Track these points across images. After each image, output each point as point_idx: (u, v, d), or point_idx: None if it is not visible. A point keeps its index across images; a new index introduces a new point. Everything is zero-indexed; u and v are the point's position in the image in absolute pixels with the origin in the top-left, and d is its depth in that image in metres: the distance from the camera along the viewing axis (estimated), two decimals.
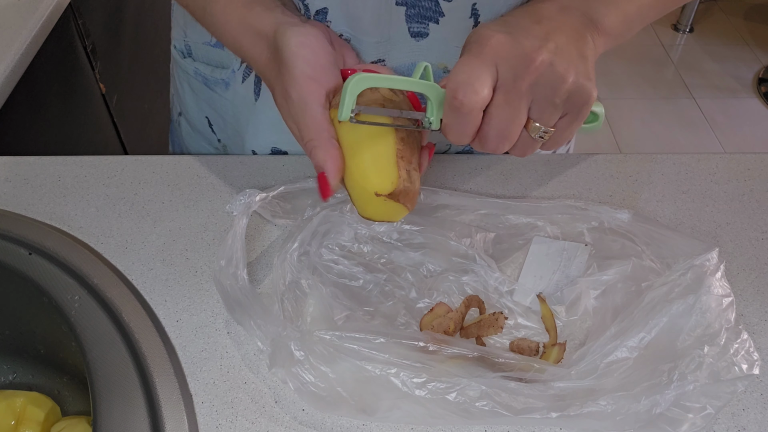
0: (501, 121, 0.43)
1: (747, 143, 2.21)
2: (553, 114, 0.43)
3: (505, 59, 0.41)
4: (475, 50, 0.42)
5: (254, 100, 0.62)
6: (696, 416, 0.43)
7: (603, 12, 0.45)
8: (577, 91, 0.42)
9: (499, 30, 0.43)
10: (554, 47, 0.41)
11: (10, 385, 0.60)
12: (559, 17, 0.44)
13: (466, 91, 0.41)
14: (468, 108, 0.42)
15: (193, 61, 0.67)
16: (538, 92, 0.42)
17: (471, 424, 0.45)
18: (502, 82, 0.42)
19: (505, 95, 0.42)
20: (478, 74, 0.41)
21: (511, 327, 0.53)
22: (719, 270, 0.48)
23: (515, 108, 0.42)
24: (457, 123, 0.43)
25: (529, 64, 0.41)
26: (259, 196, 0.54)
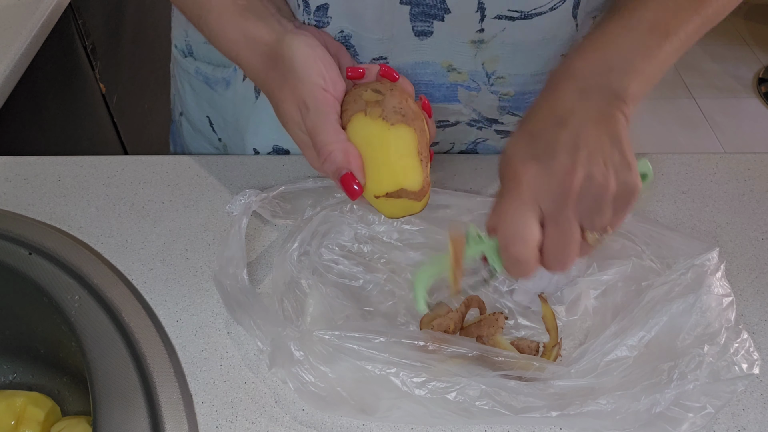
0: (558, 249, 0.43)
1: (747, 143, 2.21)
2: (604, 218, 0.42)
3: (545, 194, 0.41)
4: (514, 191, 0.42)
5: (255, 98, 0.62)
6: (696, 415, 0.43)
7: (624, 82, 0.43)
8: (622, 189, 0.41)
9: (529, 156, 0.42)
10: (586, 156, 0.40)
11: (10, 385, 0.60)
12: (581, 107, 0.42)
13: (517, 246, 0.42)
14: (524, 258, 0.42)
15: (194, 61, 0.67)
16: (584, 207, 0.41)
17: (471, 423, 0.45)
18: (548, 215, 0.42)
19: (554, 226, 0.42)
20: (524, 222, 0.41)
21: (511, 327, 0.53)
22: (719, 270, 0.48)
23: (567, 233, 0.42)
24: (518, 269, 0.43)
25: (568, 192, 0.40)
26: (259, 196, 0.54)
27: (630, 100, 0.43)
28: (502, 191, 0.43)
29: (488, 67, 0.56)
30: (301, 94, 0.45)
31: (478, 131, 0.64)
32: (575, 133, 0.41)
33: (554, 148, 0.41)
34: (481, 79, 0.57)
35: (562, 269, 0.44)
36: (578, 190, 0.40)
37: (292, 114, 0.47)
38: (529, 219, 0.42)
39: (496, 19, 0.52)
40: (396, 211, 0.47)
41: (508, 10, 0.51)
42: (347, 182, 0.45)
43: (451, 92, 0.58)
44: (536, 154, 0.42)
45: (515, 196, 0.42)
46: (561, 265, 0.43)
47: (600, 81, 0.43)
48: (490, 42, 0.54)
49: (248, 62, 0.49)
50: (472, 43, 0.54)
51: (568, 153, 0.41)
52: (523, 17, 0.52)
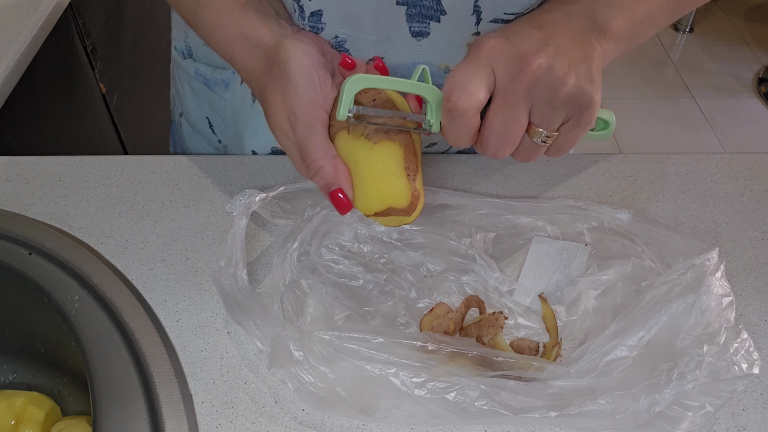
0: (500, 123, 0.42)
1: (747, 143, 2.21)
2: (555, 117, 0.42)
3: (501, 61, 0.41)
4: (472, 55, 0.42)
5: (252, 100, 0.62)
6: (695, 414, 0.43)
7: (609, 15, 0.44)
8: (578, 94, 0.41)
9: (497, 35, 0.42)
10: (553, 51, 0.41)
11: (10, 385, 0.60)
12: (562, 23, 0.43)
13: (459, 92, 0.41)
14: (462, 109, 0.41)
15: (193, 62, 0.67)
16: (537, 95, 0.41)
17: (471, 423, 0.45)
18: (500, 84, 0.41)
19: (503, 97, 0.42)
20: (472, 75, 0.41)
21: (511, 327, 0.53)
22: (719, 270, 0.48)
23: (514, 110, 0.42)
24: (453, 125, 0.43)
25: (525, 66, 0.40)
26: (259, 197, 0.54)
27: (610, 35, 0.43)
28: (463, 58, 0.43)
29: None
30: (292, 104, 0.45)
31: None
32: (549, 34, 0.42)
33: (526, 35, 0.41)
34: None
35: (496, 153, 0.43)
36: (536, 72, 0.40)
37: (280, 122, 0.46)
38: (477, 75, 0.41)
39: (492, 22, 0.52)
40: (388, 223, 0.47)
41: (504, 13, 0.51)
42: (337, 198, 0.45)
43: None
44: (506, 36, 0.42)
45: (473, 57, 0.42)
46: (495, 145, 0.43)
47: (585, 10, 0.44)
48: None
49: (243, 62, 0.49)
50: (469, 45, 0.54)
51: (537, 42, 0.41)
52: None
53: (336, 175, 0.45)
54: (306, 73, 0.45)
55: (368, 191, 0.45)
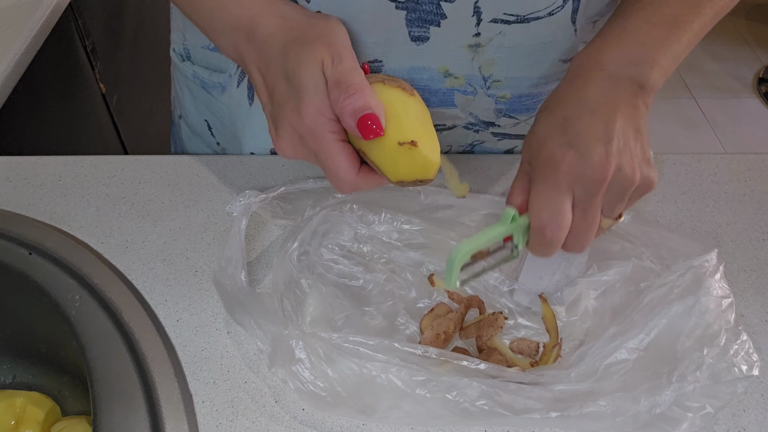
0: (582, 233, 0.45)
1: (747, 143, 2.21)
2: (623, 206, 0.45)
3: (580, 180, 0.43)
4: (551, 178, 0.43)
5: (249, 104, 0.62)
6: (695, 416, 0.43)
7: (648, 74, 0.45)
8: (643, 183, 0.44)
9: (564, 143, 0.43)
10: (617, 145, 0.43)
11: (10, 385, 0.60)
12: (610, 95, 0.44)
13: (553, 229, 0.43)
14: (557, 242, 0.44)
15: (191, 65, 0.67)
16: (610, 197, 0.44)
17: (471, 424, 0.45)
18: (579, 201, 0.43)
19: (583, 212, 0.44)
20: (560, 207, 0.43)
21: (511, 327, 0.53)
22: (718, 271, 0.48)
23: (592, 219, 0.44)
24: (545, 250, 0.45)
25: (602, 181, 0.42)
26: (259, 197, 0.54)
27: (651, 90, 0.46)
28: (537, 174, 0.45)
29: (485, 70, 0.56)
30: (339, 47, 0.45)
31: (474, 134, 0.64)
32: (606, 122, 0.43)
33: (589, 137, 0.43)
34: (477, 83, 0.57)
35: (580, 251, 0.46)
36: (609, 181, 0.43)
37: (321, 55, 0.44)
38: (566, 205, 0.43)
39: (492, 22, 0.52)
40: (410, 169, 0.45)
41: (505, 14, 0.51)
42: (367, 122, 0.43)
43: (447, 97, 0.58)
44: (571, 142, 0.43)
45: (553, 182, 0.43)
46: (579, 247, 0.46)
47: (627, 72, 0.45)
48: (487, 46, 0.54)
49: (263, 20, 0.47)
50: (469, 47, 0.54)
51: (603, 144, 0.43)
52: (520, 21, 0.52)
53: (375, 101, 0.43)
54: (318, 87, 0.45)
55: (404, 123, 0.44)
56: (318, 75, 0.44)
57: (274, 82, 0.47)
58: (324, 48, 0.45)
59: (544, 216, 0.43)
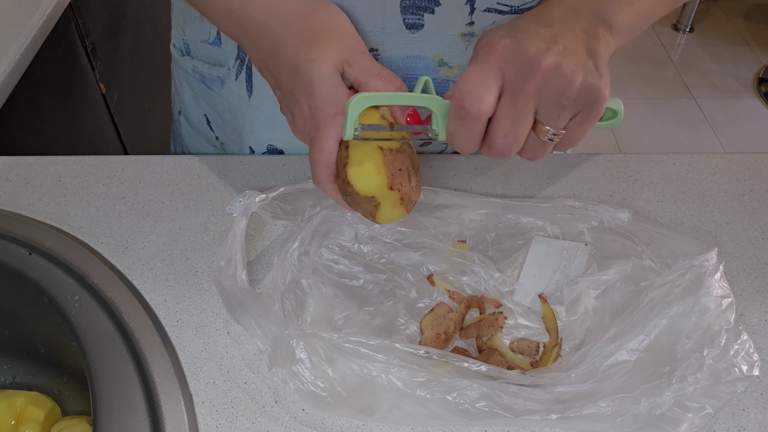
0: (507, 125, 0.42)
1: (747, 143, 2.21)
2: (562, 116, 0.42)
3: (511, 63, 0.41)
4: (482, 57, 0.42)
5: (248, 97, 0.62)
6: (695, 416, 0.43)
7: (615, 11, 0.44)
8: (587, 91, 0.41)
9: (506, 35, 0.42)
10: (562, 49, 0.41)
11: (10, 385, 0.60)
12: (569, 20, 0.43)
13: (472, 99, 0.41)
14: (474, 116, 0.42)
15: (191, 60, 0.67)
16: (545, 95, 0.41)
17: (471, 424, 0.45)
18: (508, 86, 0.42)
19: (511, 99, 0.42)
20: (484, 81, 0.41)
21: (511, 327, 0.53)
22: (718, 270, 0.48)
23: (521, 111, 0.42)
24: (463, 131, 0.43)
25: (534, 67, 0.40)
26: (259, 198, 0.54)
27: (615, 30, 0.44)
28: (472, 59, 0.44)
29: None
30: (350, 42, 0.46)
31: None
32: (557, 32, 0.42)
33: (534, 35, 0.42)
34: None
35: (503, 153, 0.44)
36: (544, 72, 0.41)
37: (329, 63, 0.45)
38: (488, 80, 0.41)
39: (486, 12, 0.52)
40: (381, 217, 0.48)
41: (498, 3, 0.52)
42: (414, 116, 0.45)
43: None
44: (514, 35, 0.42)
45: (483, 60, 0.42)
46: (502, 146, 0.43)
47: (591, 5, 0.44)
48: (481, 35, 0.54)
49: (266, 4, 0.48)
50: (463, 36, 0.54)
51: (545, 41, 0.41)
52: (513, 12, 0.52)
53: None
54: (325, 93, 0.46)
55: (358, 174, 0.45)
56: (331, 72, 0.45)
57: (280, 76, 0.48)
58: (336, 47, 0.45)
59: (465, 87, 0.41)
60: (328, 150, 0.45)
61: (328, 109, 0.45)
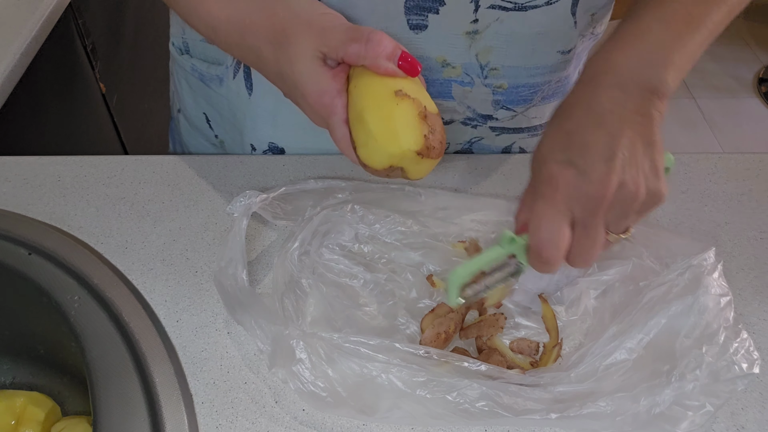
0: (584, 251, 0.43)
1: (746, 143, 2.21)
2: (629, 222, 0.43)
3: (578, 200, 0.41)
4: (548, 195, 0.42)
5: (248, 95, 0.62)
6: (695, 414, 0.43)
7: (662, 78, 0.43)
8: (649, 198, 0.42)
9: (565, 161, 0.42)
10: (621, 161, 0.41)
11: (10, 385, 0.60)
12: (620, 105, 0.42)
13: (550, 250, 0.42)
14: (554, 261, 0.43)
15: (190, 58, 0.67)
16: (613, 215, 0.42)
17: (471, 424, 0.45)
18: (579, 220, 0.42)
19: (584, 231, 0.42)
20: (558, 227, 0.42)
21: (511, 327, 0.53)
22: (716, 270, 0.48)
23: (594, 238, 0.43)
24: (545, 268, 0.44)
25: (602, 200, 0.41)
26: (260, 198, 0.54)
27: (665, 94, 0.44)
28: (537, 192, 0.44)
29: (482, 58, 0.56)
30: (320, 23, 0.45)
31: (472, 130, 0.64)
32: (612, 135, 0.41)
33: (591, 153, 0.41)
34: (474, 72, 0.57)
35: (585, 267, 0.45)
36: (611, 199, 0.41)
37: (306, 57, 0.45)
38: (563, 225, 0.42)
39: (491, 8, 0.52)
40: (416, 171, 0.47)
41: (503, 0, 0.51)
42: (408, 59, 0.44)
43: (445, 88, 0.59)
44: (572, 159, 0.42)
45: (550, 201, 0.42)
46: (584, 263, 0.44)
47: (639, 75, 0.43)
48: (485, 32, 0.54)
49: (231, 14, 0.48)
50: (467, 34, 0.54)
51: (605, 160, 0.41)
52: (518, 9, 0.52)
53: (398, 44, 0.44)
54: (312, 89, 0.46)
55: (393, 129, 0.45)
56: (311, 66, 0.45)
57: (274, 83, 0.49)
58: (305, 38, 0.45)
59: (541, 236, 0.42)
60: (342, 136, 0.46)
61: (324, 99, 0.45)
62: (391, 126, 0.44)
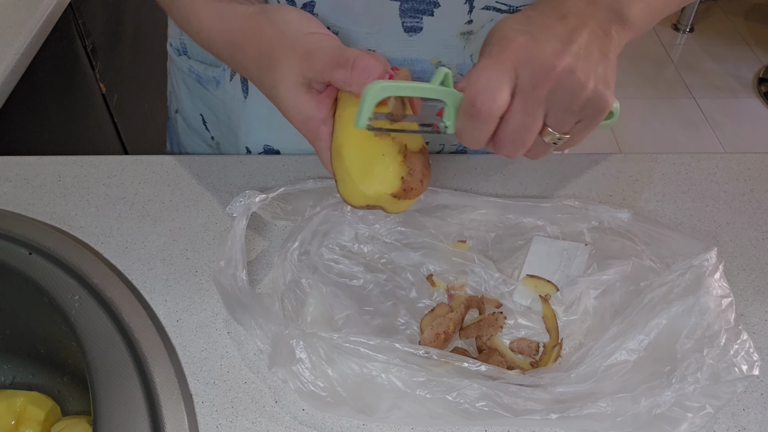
0: (517, 127, 0.42)
1: (747, 143, 2.21)
2: (569, 121, 0.42)
3: (526, 64, 0.40)
4: (496, 52, 0.41)
5: (244, 98, 0.62)
6: (695, 415, 0.43)
7: (630, 4, 0.43)
8: (595, 98, 0.41)
9: (521, 30, 0.41)
10: (576, 50, 0.40)
11: (10, 385, 0.60)
12: (585, 11, 0.42)
13: (484, 99, 0.40)
14: (486, 115, 0.41)
15: (187, 59, 0.67)
16: (555, 100, 0.41)
17: (471, 424, 0.45)
18: (521, 88, 0.41)
19: (523, 102, 0.41)
20: (498, 80, 0.40)
21: (511, 327, 0.53)
22: (718, 270, 0.48)
23: (532, 115, 0.41)
24: (473, 128, 0.42)
25: (549, 71, 0.40)
26: (259, 198, 0.54)
27: (629, 24, 0.43)
28: (484, 52, 0.42)
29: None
30: (304, 45, 0.44)
31: None
32: (573, 27, 0.41)
33: (549, 31, 0.41)
34: None
35: (510, 155, 0.43)
36: (558, 76, 0.40)
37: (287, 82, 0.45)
38: (503, 80, 0.41)
39: (485, 9, 0.52)
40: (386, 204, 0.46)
41: (496, 1, 0.51)
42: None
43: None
44: (529, 30, 0.41)
45: (496, 57, 0.41)
46: (512, 150, 0.43)
47: None
48: (479, 33, 0.54)
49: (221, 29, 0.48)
50: (461, 35, 0.54)
51: (561, 40, 0.40)
52: (511, 10, 0.52)
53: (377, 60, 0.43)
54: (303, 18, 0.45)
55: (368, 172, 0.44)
56: (294, 92, 0.45)
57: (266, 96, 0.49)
58: (290, 62, 0.44)
59: (478, 84, 0.40)
60: (326, 161, 0.46)
61: (308, 125, 0.45)
62: (367, 167, 0.43)
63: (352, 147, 0.44)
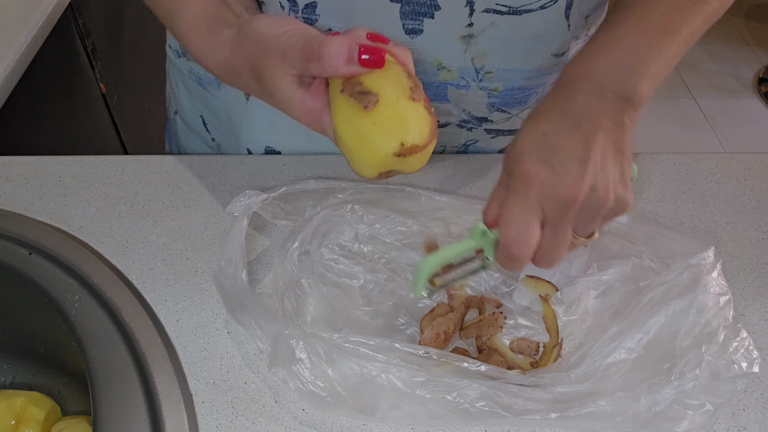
0: (551, 251, 0.44)
1: (747, 143, 2.21)
2: (595, 227, 0.45)
3: (551, 200, 0.42)
4: (522, 191, 0.42)
5: (246, 98, 0.62)
6: (695, 413, 0.43)
7: (637, 87, 0.44)
8: (617, 204, 0.43)
9: (540, 160, 0.42)
10: (594, 165, 0.42)
11: (10, 385, 0.60)
12: (596, 109, 0.43)
13: (520, 246, 0.42)
14: (522, 259, 0.43)
15: (187, 61, 0.67)
16: (581, 217, 0.43)
17: (471, 424, 0.45)
18: (550, 220, 0.43)
19: (553, 231, 0.43)
20: (528, 224, 0.42)
21: (511, 327, 0.53)
22: (716, 269, 0.48)
23: (562, 238, 0.43)
24: (513, 265, 0.45)
25: (574, 202, 0.41)
26: (260, 198, 0.54)
27: (639, 103, 0.45)
28: (510, 188, 0.44)
29: (477, 62, 0.56)
30: (277, 48, 0.44)
31: (468, 132, 0.64)
32: (586, 140, 0.42)
33: (566, 154, 0.42)
34: (470, 76, 0.57)
35: (549, 267, 0.46)
36: (582, 201, 0.42)
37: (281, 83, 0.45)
38: (534, 223, 0.42)
39: (485, 12, 0.52)
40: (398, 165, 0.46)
41: (497, 4, 0.52)
42: (362, 57, 0.43)
43: (440, 91, 0.59)
44: (548, 158, 0.42)
45: (523, 197, 0.42)
46: (549, 264, 0.45)
47: (614, 83, 0.44)
48: (480, 36, 0.54)
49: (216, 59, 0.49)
50: (462, 38, 0.54)
51: (579, 163, 0.42)
52: (512, 12, 0.52)
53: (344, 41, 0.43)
54: (274, 22, 0.45)
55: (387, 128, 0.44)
56: (289, 91, 0.45)
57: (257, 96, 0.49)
58: (273, 66, 0.45)
59: (511, 232, 0.43)
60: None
61: (312, 117, 0.46)
62: (363, 138, 0.44)
63: (345, 125, 0.44)
